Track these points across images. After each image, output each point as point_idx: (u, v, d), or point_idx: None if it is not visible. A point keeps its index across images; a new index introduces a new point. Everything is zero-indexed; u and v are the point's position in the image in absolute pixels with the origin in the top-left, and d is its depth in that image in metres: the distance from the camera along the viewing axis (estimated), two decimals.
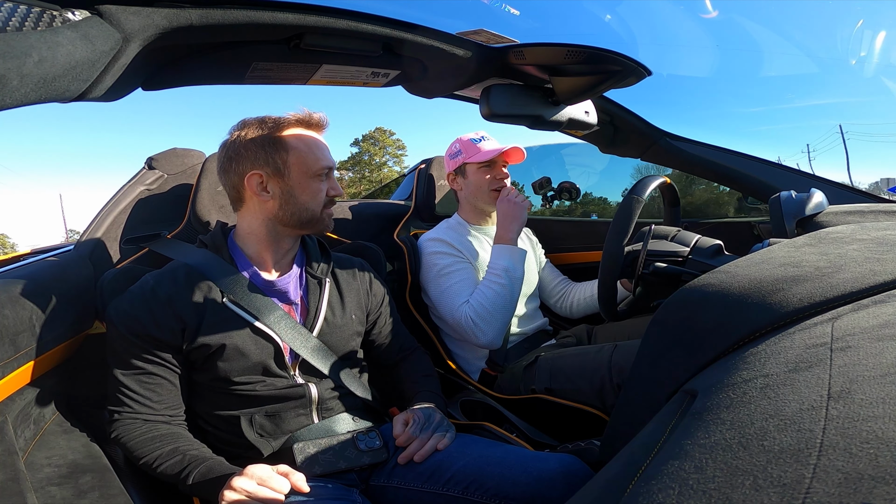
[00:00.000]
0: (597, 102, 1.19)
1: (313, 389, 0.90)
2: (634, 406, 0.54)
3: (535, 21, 1.05)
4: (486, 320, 1.19)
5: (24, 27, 0.49)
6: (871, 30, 1.47)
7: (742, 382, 0.32)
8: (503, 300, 1.19)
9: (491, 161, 1.39)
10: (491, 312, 1.19)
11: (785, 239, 0.62)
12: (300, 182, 0.87)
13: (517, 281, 1.21)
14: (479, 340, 1.21)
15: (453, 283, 1.28)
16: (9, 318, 0.74)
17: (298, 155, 0.86)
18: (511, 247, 1.23)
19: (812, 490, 0.20)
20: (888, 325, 0.33)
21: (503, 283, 1.19)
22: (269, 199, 0.87)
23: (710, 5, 1.45)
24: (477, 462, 0.79)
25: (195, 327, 0.82)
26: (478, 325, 1.20)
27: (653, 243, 0.94)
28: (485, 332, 1.20)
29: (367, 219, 1.60)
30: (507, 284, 1.19)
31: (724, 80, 2.06)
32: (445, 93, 1.07)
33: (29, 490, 0.62)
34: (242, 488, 0.69)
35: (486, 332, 1.20)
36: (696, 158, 1.31)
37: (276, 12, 0.69)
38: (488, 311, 1.19)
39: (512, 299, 1.21)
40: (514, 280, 1.20)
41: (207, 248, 0.91)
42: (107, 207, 1.15)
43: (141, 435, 0.80)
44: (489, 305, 1.19)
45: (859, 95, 1.89)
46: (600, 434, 0.81)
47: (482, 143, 1.40)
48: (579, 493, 0.40)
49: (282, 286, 0.89)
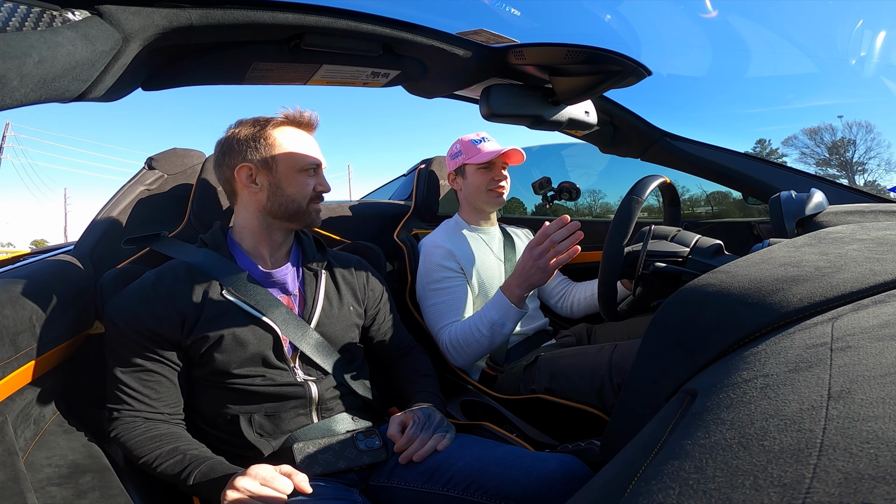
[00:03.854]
0: (597, 102, 1.19)
1: (313, 388, 0.90)
2: (634, 406, 0.54)
3: (535, 21, 1.05)
4: (459, 353, 1.23)
5: (24, 27, 0.49)
6: (871, 30, 1.47)
7: (742, 382, 0.32)
8: (479, 346, 1.19)
9: (490, 162, 1.39)
10: (465, 349, 1.21)
11: (785, 239, 0.62)
12: (286, 175, 0.91)
13: (501, 336, 1.17)
14: (451, 363, 1.27)
15: (441, 300, 1.29)
16: (9, 318, 0.74)
17: (286, 150, 0.91)
18: (509, 305, 1.14)
19: (812, 490, 0.20)
20: (888, 325, 0.33)
21: (484, 335, 1.17)
22: (257, 190, 0.92)
23: (710, 5, 1.45)
24: (477, 462, 0.79)
25: (194, 320, 0.84)
26: (450, 353, 1.25)
27: (653, 243, 0.94)
28: (456, 360, 1.25)
29: (367, 219, 1.60)
30: (488, 336, 1.17)
31: (723, 80, 2.06)
32: (445, 93, 1.07)
33: (29, 490, 0.62)
34: (245, 488, 0.69)
35: (458, 360, 1.25)
36: (696, 158, 1.31)
37: (276, 12, 0.69)
38: (462, 347, 1.21)
39: (489, 348, 1.20)
40: (495, 335, 1.17)
41: (208, 246, 0.93)
42: (107, 207, 1.15)
43: (141, 434, 0.80)
44: (464, 344, 1.21)
45: (859, 95, 1.89)
46: (600, 434, 0.81)
47: (482, 145, 1.40)
48: (579, 493, 0.40)
49: (279, 277, 0.92)
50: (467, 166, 1.41)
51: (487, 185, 1.39)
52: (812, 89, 2.04)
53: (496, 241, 1.46)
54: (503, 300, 1.15)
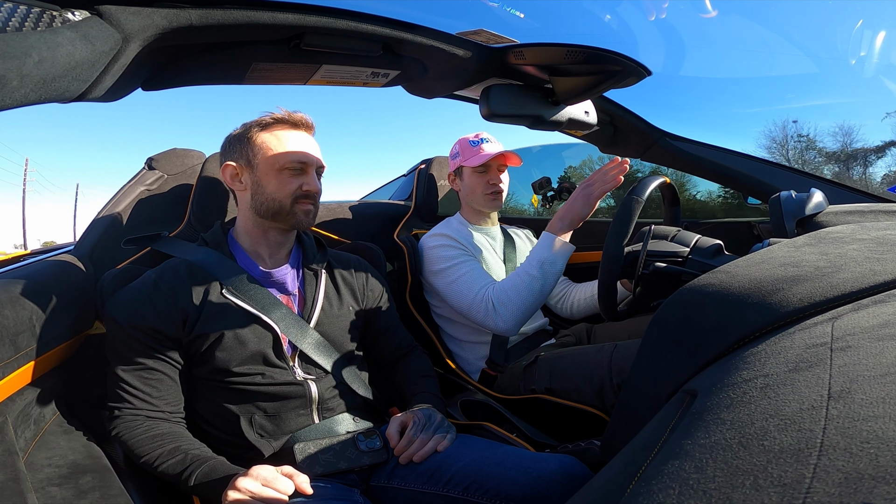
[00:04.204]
0: (597, 102, 1.19)
1: (313, 388, 0.90)
2: (634, 406, 0.54)
3: (535, 21, 1.05)
4: (507, 307, 1.15)
5: (24, 27, 0.49)
6: (871, 30, 1.47)
7: (742, 382, 0.32)
8: (530, 292, 1.13)
9: (486, 165, 1.38)
10: (514, 301, 1.14)
11: (785, 239, 0.62)
12: (266, 173, 0.91)
13: (552, 276, 1.14)
14: (496, 326, 1.17)
15: (463, 272, 1.25)
16: (9, 318, 0.74)
17: (268, 148, 0.92)
18: (555, 238, 1.14)
19: (812, 490, 0.20)
20: (888, 324, 0.33)
21: (533, 276, 1.13)
22: (243, 189, 0.93)
23: (710, 5, 1.45)
24: (477, 463, 0.79)
25: (195, 318, 0.84)
26: (497, 311, 1.16)
27: (653, 243, 0.94)
28: (504, 318, 1.15)
29: (367, 219, 1.60)
30: (539, 277, 1.12)
31: (723, 79, 2.06)
32: (445, 93, 1.08)
33: (29, 490, 0.62)
34: (246, 489, 0.69)
35: (506, 318, 1.15)
36: (696, 158, 1.31)
37: (276, 12, 0.69)
38: (511, 299, 1.14)
39: (542, 293, 1.15)
40: (547, 274, 1.13)
41: (208, 245, 0.94)
42: (107, 207, 1.15)
43: (142, 433, 0.80)
44: (513, 294, 1.14)
45: (859, 95, 1.89)
46: (600, 434, 0.81)
47: (480, 146, 1.39)
48: (579, 493, 0.40)
49: (279, 277, 0.93)
50: (464, 168, 1.41)
51: (483, 188, 1.38)
52: (812, 89, 2.04)
53: (498, 242, 1.46)
54: (549, 237, 1.14)
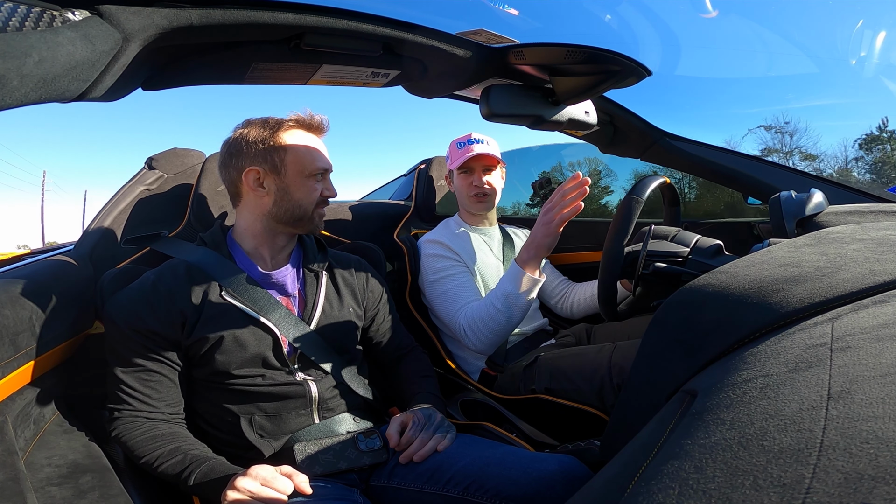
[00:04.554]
0: (597, 102, 1.19)
1: (313, 388, 0.90)
2: (634, 406, 0.54)
3: (535, 21, 1.05)
4: (476, 334, 1.20)
5: (24, 27, 0.49)
6: (871, 30, 1.47)
7: (742, 382, 0.32)
8: (496, 324, 1.15)
9: (468, 167, 1.38)
10: (482, 329, 1.18)
11: (785, 239, 0.62)
12: (295, 180, 0.90)
13: (517, 309, 1.13)
14: (468, 346, 1.23)
15: (449, 287, 1.28)
16: (9, 318, 0.74)
17: (296, 154, 0.90)
18: (522, 273, 1.11)
19: (812, 490, 0.20)
20: (888, 325, 0.33)
21: (499, 309, 1.14)
22: (264, 194, 0.90)
23: (710, 5, 1.45)
24: (477, 463, 0.79)
25: (194, 320, 0.84)
26: (468, 336, 1.21)
27: (653, 243, 0.94)
28: (474, 343, 1.21)
29: (367, 219, 1.60)
30: (504, 311, 1.13)
31: (723, 80, 2.06)
32: (445, 93, 1.07)
33: (29, 490, 0.62)
34: (246, 488, 0.69)
35: (475, 343, 1.21)
36: (696, 158, 1.31)
37: (276, 12, 0.69)
38: (479, 328, 1.18)
39: (508, 325, 1.16)
40: (511, 307, 1.12)
41: (207, 245, 0.93)
42: (107, 207, 1.15)
43: (142, 434, 0.80)
44: (481, 324, 1.18)
45: (859, 95, 1.89)
46: (600, 434, 0.81)
47: (467, 147, 1.38)
48: (579, 493, 0.40)
49: (279, 279, 0.92)
50: (452, 170, 1.42)
51: (467, 189, 1.38)
52: (812, 89, 2.04)
53: (496, 242, 1.46)
54: (516, 270, 1.12)
